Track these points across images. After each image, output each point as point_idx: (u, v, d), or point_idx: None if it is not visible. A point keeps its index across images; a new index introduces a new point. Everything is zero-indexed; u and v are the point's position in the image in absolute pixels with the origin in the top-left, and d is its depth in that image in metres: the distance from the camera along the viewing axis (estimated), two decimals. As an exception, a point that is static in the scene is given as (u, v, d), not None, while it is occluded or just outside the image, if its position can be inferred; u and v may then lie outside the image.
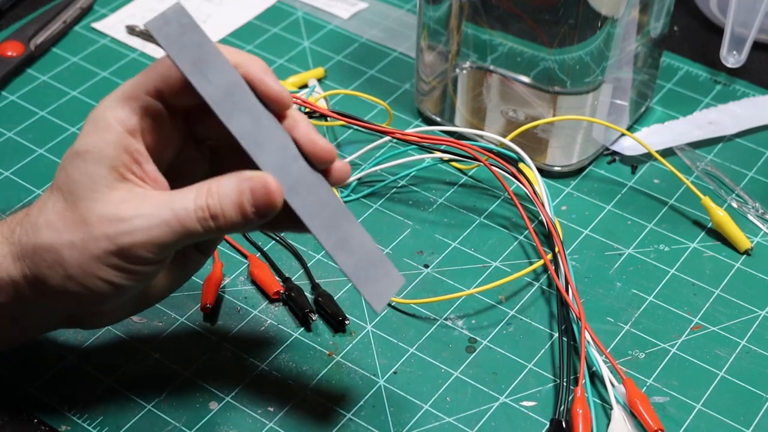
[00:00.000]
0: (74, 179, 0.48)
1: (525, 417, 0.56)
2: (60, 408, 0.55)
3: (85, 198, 0.48)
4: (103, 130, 0.48)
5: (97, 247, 0.48)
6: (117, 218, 0.48)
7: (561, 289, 0.60)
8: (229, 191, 0.48)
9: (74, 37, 0.81)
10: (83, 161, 0.48)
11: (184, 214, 0.48)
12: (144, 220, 0.48)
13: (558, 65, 0.66)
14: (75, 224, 0.48)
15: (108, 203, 0.48)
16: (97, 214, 0.48)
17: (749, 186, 0.70)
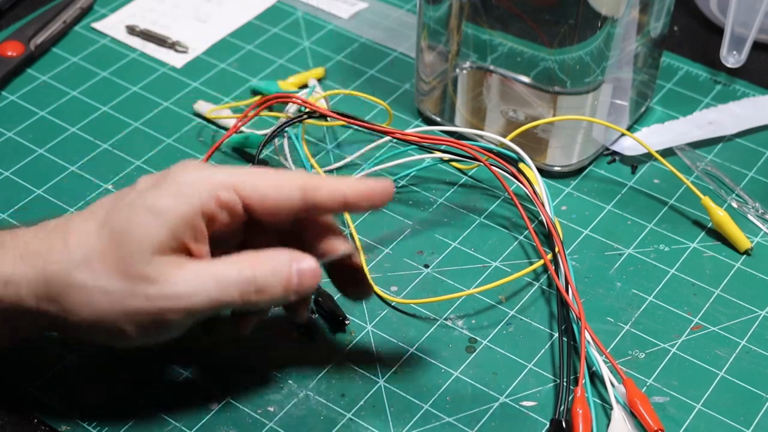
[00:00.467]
0: (132, 230, 0.48)
1: (525, 417, 0.56)
2: (60, 408, 0.55)
3: (136, 252, 0.48)
4: (185, 201, 0.49)
5: (132, 304, 0.48)
6: (160, 280, 0.48)
7: (561, 289, 0.60)
8: (279, 268, 0.49)
9: (74, 37, 0.81)
10: (152, 218, 0.48)
11: (227, 285, 0.49)
12: (187, 286, 0.48)
13: (558, 65, 0.66)
14: (117, 273, 0.48)
15: (155, 264, 0.48)
16: (142, 273, 0.48)
17: (749, 186, 0.70)
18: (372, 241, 0.65)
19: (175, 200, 0.49)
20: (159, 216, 0.48)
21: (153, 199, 0.49)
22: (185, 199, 0.49)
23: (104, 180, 0.69)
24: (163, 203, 0.49)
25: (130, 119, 0.73)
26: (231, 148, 0.71)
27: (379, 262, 0.64)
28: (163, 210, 0.48)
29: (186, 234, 0.49)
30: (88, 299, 0.48)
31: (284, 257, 0.50)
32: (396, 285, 0.62)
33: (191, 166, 0.51)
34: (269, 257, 0.50)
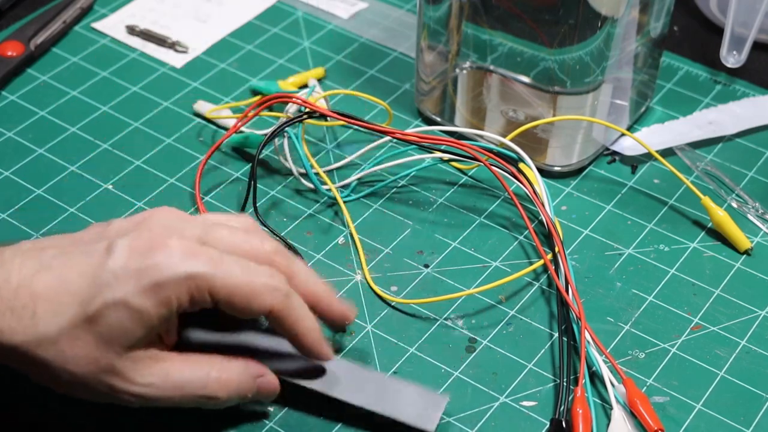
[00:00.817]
0: (109, 324, 0.48)
1: (525, 417, 0.56)
2: (60, 408, 0.55)
3: (109, 345, 0.48)
4: (163, 304, 0.48)
5: (95, 388, 0.49)
6: (129, 380, 0.49)
7: (561, 289, 0.60)
8: (239, 387, 0.52)
9: (74, 37, 0.81)
10: (128, 317, 0.48)
11: (190, 397, 0.51)
12: (152, 391, 0.50)
13: (558, 65, 0.66)
14: (85, 360, 0.48)
15: (127, 361, 0.49)
16: (112, 366, 0.49)
17: (749, 186, 0.70)
18: (372, 241, 0.65)
19: (152, 302, 0.48)
20: (136, 317, 0.48)
21: (131, 299, 0.48)
22: (162, 301, 0.48)
23: (104, 180, 0.69)
24: (141, 304, 0.48)
25: (130, 119, 0.73)
26: (231, 148, 0.71)
27: (379, 262, 0.64)
28: (142, 311, 0.48)
29: (161, 330, 0.50)
30: (51, 374, 0.49)
31: (244, 374, 0.52)
32: (396, 285, 0.62)
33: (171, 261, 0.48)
34: (231, 373, 0.51)
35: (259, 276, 0.50)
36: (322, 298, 0.54)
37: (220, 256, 0.50)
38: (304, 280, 0.53)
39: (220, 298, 0.49)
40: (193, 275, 0.49)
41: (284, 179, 0.69)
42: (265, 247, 0.52)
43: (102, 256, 0.48)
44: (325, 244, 0.65)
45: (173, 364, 0.51)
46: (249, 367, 0.52)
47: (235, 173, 0.69)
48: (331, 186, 0.67)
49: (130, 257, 0.48)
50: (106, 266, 0.48)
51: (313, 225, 0.66)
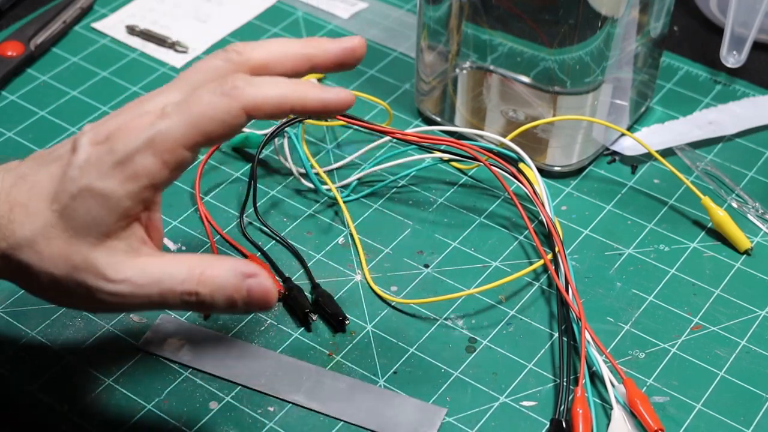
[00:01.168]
0: (78, 216, 0.46)
1: (525, 417, 0.56)
2: (60, 408, 0.56)
3: (82, 237, 0.46)
4: (129, 179, 0.46)
5: (75, 290, 0.47)
6: (102, 276, 0.46)
7: (561, 289, 0.60)
8: (225, 285, 0.46)
9: (74, 37, 0.81)
10: (95, 203, 0.46)
11: (169, 294, 0.47)
12: (128, 287, 0.46)
13: (558, 65, 0.66)
14: (60, 258, 0.47)
15: (101, 253, 0.46)
16: (85, 261, 0.46)
17: (749, 186, 0.70)
18: (372, 241, 0.65)
19: (117, 180, 0.46)
20: (104, 201, 0.46)
21: (96, 183, 0.46)
22: (129, 177, 0.46)
23: (104, 180, 0.69)
24: (107, 186, 0.46)
25: (130, 119, 0.73)
26: (231, 148, 0.71)
27: (379, 262, 0.64)
28: (108, 194, 0.46)
29: (137, 209, 0.47)
30: (33, 279, 0.48)
31: (230, 272, 0.47)
32: (396, 285, 0.62)
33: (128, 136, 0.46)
34: (216, 272, 0.47)
35: (206, 93, 0.46)
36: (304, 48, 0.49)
37: (174, 108, 0.47)
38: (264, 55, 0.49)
39: (190, 142, 0.46)
40: (151, 138, 0.46)
41: (284, 179, 0.69)
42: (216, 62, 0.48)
43: (68, 155, 0.47)
44: (325, 244, 0.65)
45: (153, 258, 0.47)
46: (237, 265, 0.47)
47: (235, 173, 0.69)
48: (331, 186, 0.67)
49: (92, 148, 0.47)
50: (71, 163, 0.47)
51: (313, 225, 0.66)
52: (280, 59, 0.49)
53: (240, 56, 0.48)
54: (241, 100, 0.46)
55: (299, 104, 0.47)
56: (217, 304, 0.47)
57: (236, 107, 0.46)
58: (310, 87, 0.47)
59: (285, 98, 0.47)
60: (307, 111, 0.47)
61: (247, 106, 0.46)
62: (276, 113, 0.47)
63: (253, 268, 0.47)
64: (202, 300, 0.46)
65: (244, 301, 0.47)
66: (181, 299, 0.46)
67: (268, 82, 0.47)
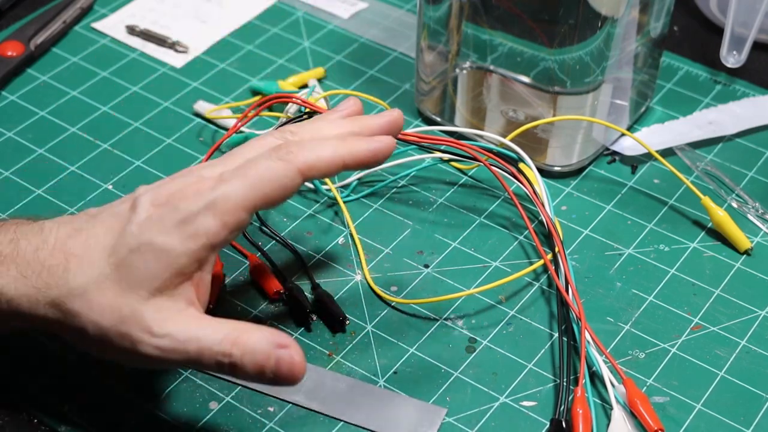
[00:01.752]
0: (135, 269, 0.48)
1: (525, 417, 0.56)
2: (60, 408, 0.55)
3: (134, 291, 0.48)
4: (190, 238, 0.49)
5: (117, 341, 0.49)
6: (147, 329, 0.48)
7: (561, 289, 0.60)
8: (256, 350, 0.48)
9: (74, 37, 0.81)
10: (153, 258, 0.48)
11: (205, 353, 0.48)
12: (169, 342, 0.48)
13: (558, 65, 0.66)
14: (109, 308, 0.49)
15: (149, 307, 0.48)
16: (133, 313, 0.48)
17: (749, 186, 0.70)
18: (372, 241, 0.65)
19: (178, 238, 0.49)
20: (162, 256, 0.48)
21: (156, 239, 0.48)
22: (190, 235, 0.49)
23: (104, 180, 0.69)
24: (167, 243, 0.48)
25: (130, 119, 0.73)
26: (231, 148, 0.71)
27: (379, 262, 0.64)
28: (167, 250, 0.48)
29: (191, 269, 0.49)
30: (79, 329, 0.49)
31: (264, 341, 0.48)
32: (396, 285, 0.62)
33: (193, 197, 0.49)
34: (251, 338, 0.48)
35: (263, 159, 0.50)
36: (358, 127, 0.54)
37: (232, 173, 0.50)
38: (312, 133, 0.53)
39: (250, 204, 0.49)
40: (213, 200, 0.49)
41: (284, 179, 0.69)
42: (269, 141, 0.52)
43: (128, 212, 0.50)
44: (325, 244, 0.65)
45: (195, 318, 0.49)
46: (272, 335, 0.49)
47: (235, 173, 0.69)
48: (331, 186, 0.67)
49: (153, 208, 0.49)
50: (132, 220, 0.49)
51: (313, 225, 0.66)
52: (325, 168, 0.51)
53: (294, 136, 0.52)
54: (296, 163, 0.50)
55: (350, 160, 0.51)
56: (247, 369, 0.48)
57: (292, 170, 0.50)
58: (357, 142, 0.52)
59: (336, 156, 0.51)
60: (358, 164, 0.52)
61: (302, 168, 0.50)
62: (330, 172, 0.51)
63: (286, 340, 0.48)
64: (233, 362, 0.48)
65: (272, 371, 0.48)
66: (215, 359, 0.48)
67: (320, 144, 0.51)
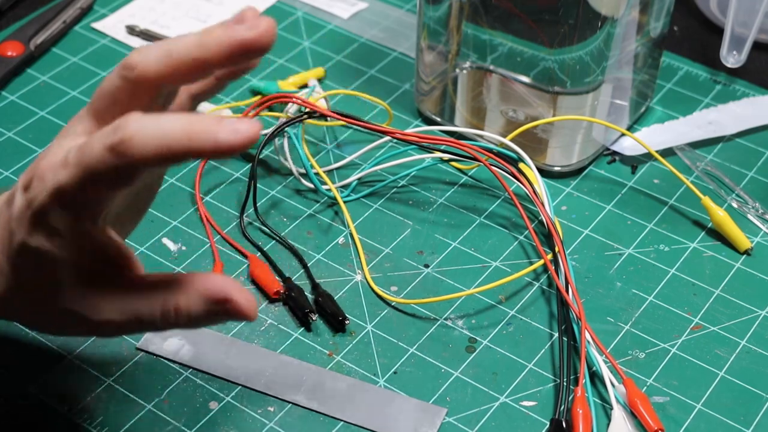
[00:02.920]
0: (32, 272, 0.46)
1: (525, 417, 0.56)
2: (60, 408, 0.56)
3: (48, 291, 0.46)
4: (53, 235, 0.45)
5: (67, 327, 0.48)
6: (84, 319, 0.46)
7: (561, 289, 0.60)
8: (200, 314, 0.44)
9: (74, 37, 0.81)
10: (38, 260, 0.45)
11: (149, 324, 0.46)
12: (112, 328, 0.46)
13: (558, 65, 0.66)
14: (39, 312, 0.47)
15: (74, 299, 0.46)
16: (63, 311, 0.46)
17: (749, 186, 0.70)
18: (372, 241, 0.65)
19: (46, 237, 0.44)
20: (42, 255, 0.45)
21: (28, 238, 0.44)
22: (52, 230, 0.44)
23: (104, 180, 0.69)
24: (37, 242, 0.44)
25: (130, 119, 0.73)
26: (231, 148, 0.71)
27: (379, 262, 0.64)
28: (42, 249, 0.44)
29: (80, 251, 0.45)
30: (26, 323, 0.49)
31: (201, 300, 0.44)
32: (396, 285, 0.62)
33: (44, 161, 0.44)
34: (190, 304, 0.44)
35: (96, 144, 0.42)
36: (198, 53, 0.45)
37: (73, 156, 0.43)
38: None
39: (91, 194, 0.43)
40: (54, 191, 0.43)
41: (284, 179, 0.69)
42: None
43: (8, 207, 0.46)
44: (325, 244, 0.65)
45: (127, 295, 0.46)
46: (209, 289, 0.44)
47: (235, 173, 0.69)
48: (331, 186, 0.67)
49: (21, 197, 0.45)
50: (11, 216, 0.45)
51: (313, 225, 0.66)
52: (175, 70, 0.46)
53: (133, 72, 0.46)
54: (126, 158, 0.42)
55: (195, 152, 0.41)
56: (197, 326, 0.46)
57: (121, 164, 0.42)
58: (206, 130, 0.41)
59: (176, 149, 0.41)
60: (200, 156, 0.42)
61: (133, 163, 0.42)
62: (166, 164, 0.42)
63: (222, 288, 0.44)
64: (182, 325, 0.45)
65: (223, 319, 0.45)
66: (161, 326, 0.45)
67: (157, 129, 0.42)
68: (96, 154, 0.42)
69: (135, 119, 0.43)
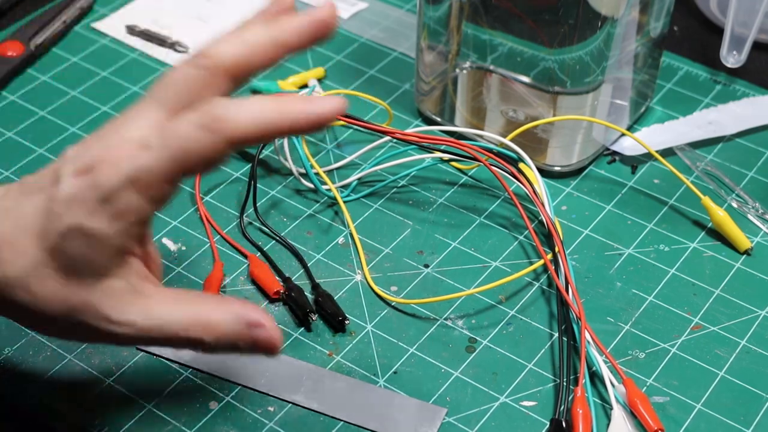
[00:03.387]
0: (71, 256, 0.44)
1: (525, 417, 0.56)
2: (60, 408, 0.55)
3: (77, 278, 0.45)
4: (117, 217, 0.44)
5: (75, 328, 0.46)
6: (105, 317, 0.45)
7: (561, 289, 0.60)
8: (229, 334, 0.45)
9: (74, 37, 0.81)
10: (86, 243, 0.44)
11: (172, 337, 0.45)
12: (132, 330, 0.45)
13: (558, 65, 0.66)
14: (56, 299, 0.45)
15: (100, 294, 0.45)
16: (84, 303, 0.45)
17: (749, 186, 0.70)
18: (372, 241, 0.65)
19: (105, 218, 0.44)
20: (94, 240, 0.44)
21: (85, 222, 0.44)
22: (115, 214, 0.44)
23: (104, 180, 0.69)
24: (95, 224, 0.44)
25: (130, 119, 0.73)
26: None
27: (379, 262, 0.64)
28: (97, 234, 0.44)
29: (130, 246, 0.45)
30: (31, 317, 0.46)
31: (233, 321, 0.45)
32: (396, 285, 0.62)
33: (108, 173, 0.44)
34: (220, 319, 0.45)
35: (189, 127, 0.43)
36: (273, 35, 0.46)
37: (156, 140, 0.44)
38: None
39: (174, 177, 0.44)
40: (134, 175, 0.43)
41: (284, 179, 0.69)
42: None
43: (51, 187, 0.45)
44: (325, 244, 0.65)
45: (156, 300, 0.46)
46: (242, 313, 0.45)
47: (235, 173, 0.69)
48: (331, 186, 0.67)
49: (75, 180, 0.44)
50: (55, 198, 0.44)
51: (313, 225, 0.66)
52: (252, 55, 0.46)
53: (210, 60, 0.46)
54: (224, 134, 0.43)
55: (286, 127, 0.44)
56: (221, 350, 0.46)
57: (219, 142, 0.43)
58: (295, 105, 0.44)
59: (269, 124, 0.44)
60: (296, 131, 0.45)
61: (231, 139, 0.43)
62: (262, 140, 0.45)
63: (257, 316, 0.45)
64: (207, 347, 0.46)
65: (249, 348, 0.46)
66: (184, 343, 0.46)
67: (250, 108, 0.44)
68: (189, 134, 0.43)
69: (223, 101, 0.44)
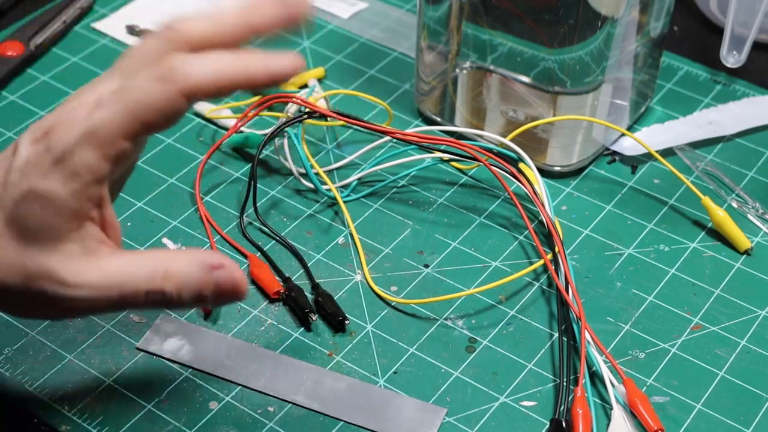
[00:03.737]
0: (26, 222, 0.44)
1: (525, 417, 0.56)
2: (60, 408, 0.56)
3: (33, 244, 0.44)
4: (71, 178, 0.43)
5: (33, 298, 0.45)
6: (60, 281, 0.44)
7: (561, 289, 0.60)
8: (191, 279, 0.44)
9: (74, 37, 0.81)
10: (41, 207, 0.43)
11: (131, 296, 0.44)
12: (88, 292, 0.44)
13: (558, 65, 0.66)
14: (14, 267, 0.44)
15: (55, 258, 0.44)
16: (40, 268, 0.44)
17: (749, 186, 0.70)
18: (372, 241, 0.65)
19: (59, 180, 0.43)
20: (49, 204, 0.43)
21: (38, 185, 0.43)
22: (69, 175, 0.43)
23: (104, 180, 0.69)
24: (49, 187, 0.43)
25: (130, 119, 0.73)
26: (231, 148, 0.71)
27: (379, 262, 0.64)
28: (51, 196, 0.43)
29: (86, 208, 0.44)
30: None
31: (194, 266, 0.44)
32: (396, 285, 0.62)
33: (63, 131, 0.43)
34: (180, 267, 0.44)
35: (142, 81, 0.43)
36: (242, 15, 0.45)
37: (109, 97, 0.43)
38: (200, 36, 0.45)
39: (129, 132, 0.43)
40: (88, 131, 0.43)
41: (284, 179, 0.69)
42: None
43: (10, 157, 0.45)
44: (325, 244, 0.65)
45: (112, 259, 0.45)
46: (202, 257, 0.44)
47: (235, 173, 0.69)
48: (331, 186, 0.67)
49: (31, 147, 0.44)
50: (12, 166, 0.44)
51: (313, 225, 0.66)
52: (217, 33, 0.45)
53: (176, 33, 0.45)
54: (178, 84, 0.42)
55: (243, 79, 0.43)
56: (185, 300, 0.44)
57: (174, 92, 0.42)
58: (253, 60, 0.44)
59: (225, 75, 0.43)
60: (253, 85, 0.44)
61: (185, 90, 0.42)
62: (218, 93, 0.43)
63: (218, 259, 0.44)
64: (169, 298, 0.44)
65: (214, 295, 0.44)
66: (145, 299, 0.44)
67: (206, 60, 0.43)
68: (142, 88, 0.42)
69: (180, 55, 0.43)
